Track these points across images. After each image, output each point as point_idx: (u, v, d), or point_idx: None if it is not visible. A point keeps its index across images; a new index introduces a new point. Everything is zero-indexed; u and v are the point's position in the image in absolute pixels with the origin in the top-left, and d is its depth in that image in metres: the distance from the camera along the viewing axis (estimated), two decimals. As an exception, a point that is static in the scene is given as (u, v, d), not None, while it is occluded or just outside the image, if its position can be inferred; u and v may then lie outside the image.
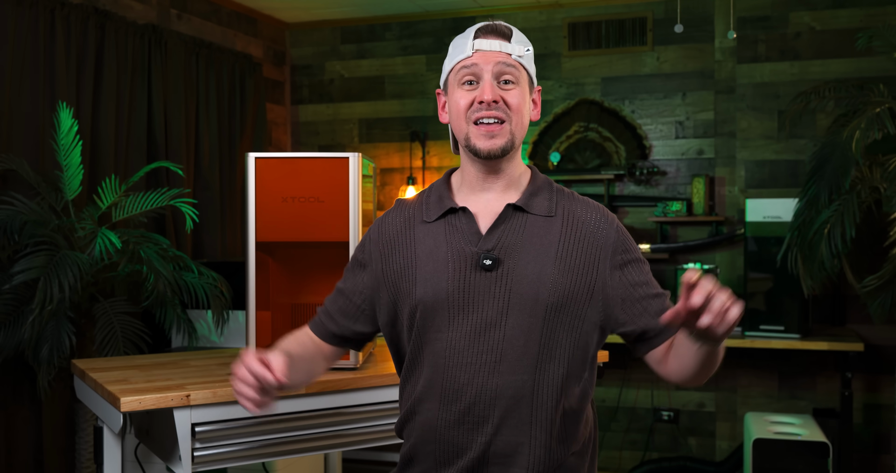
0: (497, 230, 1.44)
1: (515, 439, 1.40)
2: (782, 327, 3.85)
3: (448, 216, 1.47)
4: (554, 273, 1.41)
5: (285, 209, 2.21)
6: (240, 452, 2.07)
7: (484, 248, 1.42)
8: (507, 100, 1.43)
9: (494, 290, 1.40)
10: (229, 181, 4.40)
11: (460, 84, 1.46)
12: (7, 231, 2.98)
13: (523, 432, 1.40)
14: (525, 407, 1.40)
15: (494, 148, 1.43)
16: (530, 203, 1.46)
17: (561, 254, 1.42)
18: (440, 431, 1.43)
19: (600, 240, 1.45)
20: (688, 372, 1.41)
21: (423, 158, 4.84)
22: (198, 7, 4.30)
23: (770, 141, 4.28)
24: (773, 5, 4.25)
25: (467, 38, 1.46)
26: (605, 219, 1.48)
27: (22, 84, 3.23)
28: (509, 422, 1.40)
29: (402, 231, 1.50)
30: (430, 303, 1.43)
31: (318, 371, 1.62)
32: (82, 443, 3.19)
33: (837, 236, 3.30)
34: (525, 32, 5.10)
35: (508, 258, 1.42)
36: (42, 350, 2.94)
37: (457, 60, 1.46)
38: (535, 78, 1.51)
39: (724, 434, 4.34)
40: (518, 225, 1.44)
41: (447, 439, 1.42)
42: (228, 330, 3.51)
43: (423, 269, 1.45)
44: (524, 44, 1.47)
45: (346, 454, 4.62)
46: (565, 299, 1.40)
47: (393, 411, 2.25)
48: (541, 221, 1.45)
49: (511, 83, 1.44)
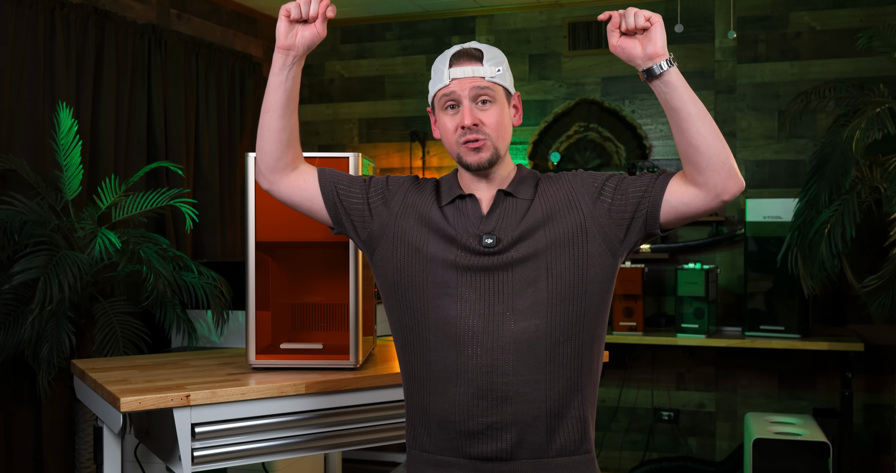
0: (494, 214, 1.61)
1: (533, 376, 1.53)
2: (782, 327, 3.85)
3: (456, 202, 1.65)
4: (551, 239, 1.57)
5: (285, 209, 2.20)
6: (240, 452, 2.07)
7: (485, 229, 1.59)
8: (485, 120, 1.60)
9: (501, 264, 1.56)
10: (229, 181, 4.40)
11: (443, 109, 1.63)
12: (7, 231, 2.98)
13: (540, 370, 1.53)
14: (540, 349, 1.54)
15: (482, 161, 1.60)
16: (517, 189, 1.64)
17: (546, 220, 1.58)
18: (462, 376, 1.55)
19: (574, 188, 1.62)
20: (686, 140, 1.53)
21: (423, 158, 4.83)
22: (198, 7, 4.30)
23: (770, 141, 4.28)
24: (773, 5, 4.25)
25: (444, 65, 1.62)
26: (573, 173, 1.66)
27: (22, 84, 3.23)
28: (525, 363, 1.53)
29: (424, 205, 1.66)
30: (442, 266, 1.58)
31: (286, 138, 1.67)
32: (82, 443, 3.19)
33: (837, 236, 3.30)
34: (525, 32, 5.05)
35: (505, 237, 1.58)
36: (42, 350, 2.94)
37: (437, 89, 1.63)
38: (511, 87, 1.66)
39: (724, 434, 4.34)
40: (511, 208, 1.62)
41: (466, 401, 1.55)
42: (228, 330, 3.51)
43: (434, 239, 1.61)
44: (496, 63, 1.62)
45: (346, 454, 4.62)
46: (558, 241, 1.56)
47: (393, 411, 2.25)
48: (527, 203, 1.62)
49: (488, 102, 1.60)
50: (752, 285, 3.90)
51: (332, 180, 1.70)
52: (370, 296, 2.45)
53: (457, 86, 1.59)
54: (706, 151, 1.52)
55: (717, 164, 1.53)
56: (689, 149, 1.53)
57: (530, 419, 1.54)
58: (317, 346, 2.32)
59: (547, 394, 1.54)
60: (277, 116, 1.64)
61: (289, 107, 1.65)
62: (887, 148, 3.48)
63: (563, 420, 1.56)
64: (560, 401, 1.55)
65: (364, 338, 2.31)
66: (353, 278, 2.25)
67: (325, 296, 2.38)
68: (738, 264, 4.27)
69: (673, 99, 1.51)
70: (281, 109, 1.64)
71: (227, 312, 3.37)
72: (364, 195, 1.69)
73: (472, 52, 1.61)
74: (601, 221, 1.59)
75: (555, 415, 1.55)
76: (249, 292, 2.26)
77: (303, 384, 2.11)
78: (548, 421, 1.55)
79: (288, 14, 1.67)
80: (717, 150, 1.52)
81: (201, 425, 2.01)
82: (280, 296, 2.37)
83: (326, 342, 2.35)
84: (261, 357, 2.26)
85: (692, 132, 1.52)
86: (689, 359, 4.37)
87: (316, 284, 2.39)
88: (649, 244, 4.32)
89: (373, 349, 2.59)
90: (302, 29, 1.66)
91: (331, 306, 2.38)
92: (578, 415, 1.58)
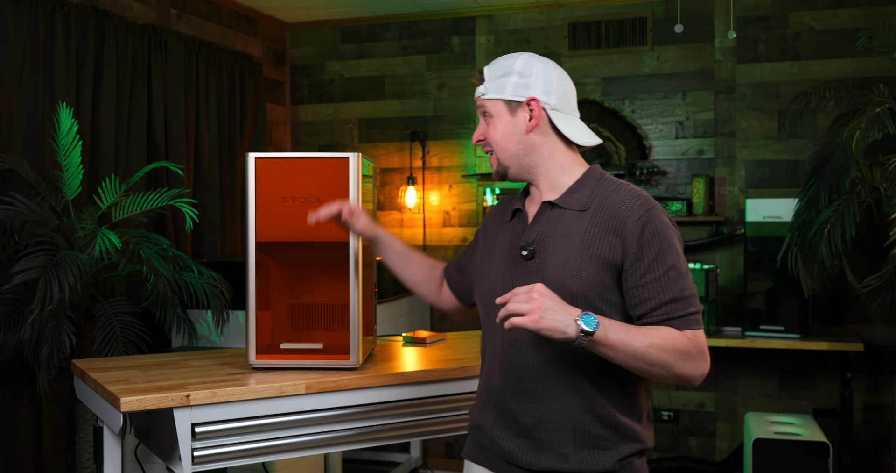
0: (536, 225, 1.68)
1: (565, 407, 1.61)
2: (782, 327, 3.85)
3: (515, 216, 1.76)
4: (577, 262, 1.58)
5: (285, 209, 2.21)
6: (240, 452, 2.07)
7: (525, 241, 1.67)
8: (488, 135, 1.72)
9: (532, 277, 1.62)
10: (229, 181, 4.40)
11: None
12: (7, 231, 2.98)
13: (570, 400, 1.60)
14: (569, 377, 1.60)
15: (494, 175, 1.76)
16: (567, 200, 1.66)
17: (585, 244, 1.59)
18: (503, 397, 1.67)
19: (626, 233, 1.58)
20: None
21: (423, 158, 4.84)
22: (198, 7, 4.30)
23: (770, 141, 4.28)
24: (773, 5, 4.25)
25: None
26: (636, 213, 1.59)
27: (22, 84, 3.23)
28: (552, 392, 1.61)
29: (494, 230, 1.82)
30: (489, 289, 1.71)
31: (420, 280, 2.01)
32: (82, 443, 3.19)
33: (837, 236, 3.30)
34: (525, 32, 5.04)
35: (542, 249, 1.64)
36: (42, 350, 2.94)
37: None
38: (516, 96, 1.68)
39: (724, 434, 4.34)
40: (554, 219, 1.66)
41: (506, 404, 1.67)
42: (228, 330, 3.51)
43: (496, 259, 1.74)
44: (493, 78, 1.70)
45: (346, 454, 4.62)
46: (588, 287, 1.57)
47: (392, 411, 2.25)
48: (574, 215, 1.64)
49: (489, 117, 1.72)
50: (752, 285, 3.90)
51: (452, 273, 1.98)
52: (370, 296, 2.46)
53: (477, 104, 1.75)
54: (658, 380, 1.58)
55: (671, 381, 1.57)
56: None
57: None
58: (317, 346, 2.32)
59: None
60: (398, 273, 2.02)
61: (395, 264, 2.01)
62: (887, 148, 3.48)
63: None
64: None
65: (364, 338, 2.31)
66: (354, 278, 2.25)
67: (325, 296, 2.38)
68: (738, 264, 4.27)
69: (611, 359, 1.52)
70: (393, 269, 2.03)
71: (227, 312, 3.37)
72: (469, 263, 1.91)
73: (477, 74, 1.73)
74: (613, 268, 1.59)
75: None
76: (249, 293, 2.26)
77: (303, 384, 2.11)
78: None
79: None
80: (666, 379, 1.56)
81: (201, 425, 2.01)
82: (280, 296, 2.37)
83: (326, 342, 2.35)
84: (261, 357, 2.26)
85: (640, 373, 1.56)
86: (689, 359, 4.37)
87: (316, 284, 2.39)
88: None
89: (373, 349, 2.59)
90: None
91: (331, 306, 2.38)
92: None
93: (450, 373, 2.31)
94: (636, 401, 1.63)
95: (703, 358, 1.54)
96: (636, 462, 1.62)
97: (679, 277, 1.56)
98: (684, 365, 1.52)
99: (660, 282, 1.55)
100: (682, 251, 1.61)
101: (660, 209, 1.60)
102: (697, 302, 1.57)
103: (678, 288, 1.55)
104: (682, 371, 1.52)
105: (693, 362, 1.53)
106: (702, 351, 1.54)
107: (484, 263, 1.77)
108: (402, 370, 2.31)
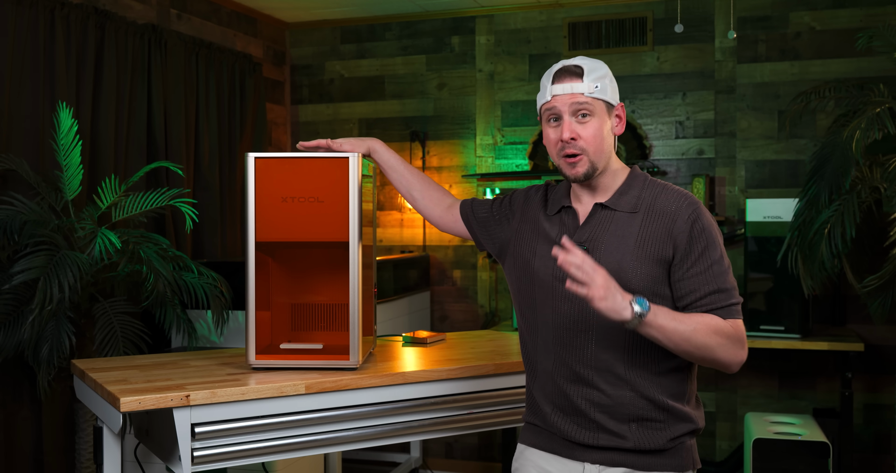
0: (588, 226, 1.78)
1: (618, 393, 1.73)
2: (782, 327, 3.85)
3: (562, 212, 1.84)
4: (632, 261, 1.71)
5: (285, 209, 2.21)
6: (240, 452, 2.07)
7: (578, 240, 1.76)
8: (583, 134, 1.74)
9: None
10: (229, 181, 4.40)
11: (547, 121, 1.80)
12: (7, 231, 2.98)
13: (621, 386, 1.73)
14: (618, 366, 1.73)
15: (578, 174, 1.76)
16: (617, 202, 1.78)
17: (639, 243, 1.72)
18: (557, 381, 1.79)
19: (676, 232, 1.71)
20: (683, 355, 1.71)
21: (423, 158, 4.84)
22: (198, 7, 4.30)
23: (770, 141, 4.28)
24: (773, 5, 4.25)
25: (548, 82, 1.78)
26: (685, 212, 1.73)
27: (22, 84, 3.23)
28: (606, 378, 1.73)
29: (536, 215, 1.90)
30: (542, 275, 1.79)
31: (419, 194, 2.15)
32: (82, 443, 3.19)
33: (837, 236, 3.30)
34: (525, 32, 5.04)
35: (596, 249, 1.74)
36: (42, 350, 2.94)
37: (541, 104, 1.80)
38: (612, 100, 1.78)
39: (724, 434, 4.34)
40: (606, 221, 1.77)
41: (560, 386, 1.79)
42: (228, 330, 3.51)
43: (542, 248, 1.81)
44: (596, 78, 1.75)
45: (346, 454, 4.62)
46: (644, 282, 1.69)
47: (392, 411, 2.25)
48: (625, 217, 1.76)
49: (587, 116, 1.75)
50: (752, 285, 3.90)
51: (466, 209, 2.05)
52: (370, 296, 2.45)
53: (558, 101, 1.75)
54: (700, 363, 1.72)
55: (711, 365, 1.70)
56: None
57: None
58: (317, 346, 2.32)
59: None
60: (395, 183, 2.17)
61: (392, 177, 2.18)
62: (887, 148, 3.48)
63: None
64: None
65: (364, 338, 2.31)
66: (354, 278, 2.25)
67: (325, 296, 2.38)
68: (738, 264, 4.27)
69: (659, 341, 1.64)
70: (397, 187, 2.18)
71: (227, 312, 3.37)
72: (490, 215, 2.00)
73: (573, 69, 1.75)
74: (665, 264, 1.72)
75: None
76: (249, 293, 2.25)
77: (303, 384, 2.11)
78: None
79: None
80: (707, 363, 1.69)
81: (201, 425, 2.01)
82: (280, 296, 2.37)
83: (326, 342, 2.35)
84: (261, 357, 2.26)
85: (684, 355, 1.68)
86: (689, 359, 4.37)
87: (316, 284, 2.39)
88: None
89: (373, 349, 2.59)
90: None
91: (331, 306, 2.38)
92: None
93: (450, 373, 2.31)
94: (684, 385, 1.76)
95: (742, 346, 1.69)
96: (688, 442, 1.76)
97: (722, 271, 1.70)
98: (725, 351, 1.66)
99: (705, 275, 1.69)
100: (724, 248, 1.75)
101: (704, 209, 1.75)
102: (738, 295, 1.72)
103: (722, 281, 1.69)
104: (722, 356, 1.66)
105: (733, 348, 1.67)
106: (741, 340, 1.69)
107: (528, 243, 1.85)
108: (402, 370, 2.31)
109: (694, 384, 1.81)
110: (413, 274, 4.58)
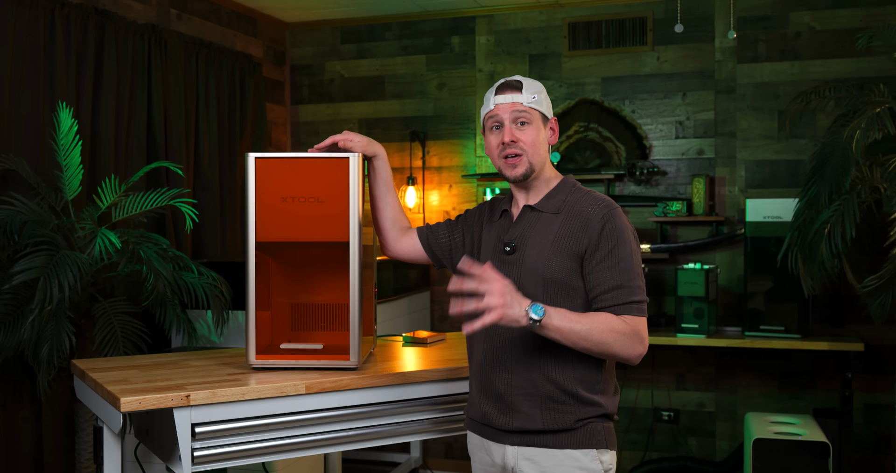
0: (518, 225, 1.98)
1: (531, 376, 1.89)
2: (782, 327, 3.85)
3: (502, 216, 2.05)
4: (549, 255, 1.89)
5: (285, 209, 2.21)
6: (240, 452, 2.07)
7: (507, 238, 1.97)
8: (522, 138, 1.94)
9: (513, 269, 1.92)
10: (229, 181, 4.40)
11: (490, 130, 2.00)
12: (7, 231, 2.98)
13: (534, 370, 1.89)
14: (534, 351, 1.89)
15: (518, 174, 1.96)
16: (545, 204, 1.97)
17: (557, 239, 1.90)
18: (485, 370, 1.96)
19: (590, 230, 1.88)
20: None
21: (423, 158, 4.84)
22: (198, 7, 4.30)
23: (770, 141, 4.28)
24: (773, 5, 4.25)
25: (491, 94, 1.98)
26: (599, 213, 1.90)
27: (22, 84, 3.23)
28: (521, 362, 1.90)
29: (479, 223, 2.11)
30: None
31: (391, 216, 2.26)
32: (82, 443, 3.19)
33: (837, 236, 3.30)
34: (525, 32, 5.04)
35: (522, 245, 1.94)
36: (42, 350, 2.94)
37: (485, 113, 2.00)
38: (547, 112, 1.99)
39: (724, 434, 4.34)
40: (533, 221, 1.96)
41: (487, 373, 1.96)
42: (228, 330, 3.51)
43: (483, 252, 2.03)
44: (533, 91, 1.96)
45: (346, 454, 4.62)
46: (558, 274, 1.88)
47: (392, 411, 2.25)
48: (550, 217, 1.94)
49: (525, 124, 1.95)
50: (752, 285, 3.90)
51: (426, 234, 2.20)
52: (370, 296, 2.45)
53: (500, 110, 1.95)
54: (601, 357, 1.87)
55: (612, 359, 1.87)
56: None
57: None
58: (317, 346, 2.32)
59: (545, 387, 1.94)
60: (376, 197, 2.26)
61: (378, 188, 2.26)
62: (887, 148, 3.48)
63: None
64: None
65: (364, 338, 2.31)
66: (354, 278, 2.24)
67: (325, 296, 2.38)
68: (738, 264, 4.27)
69: (557, 341, 1.79)
70: (373, 191, 2.27)
71: (227, 312, 3.37)
72: (449, 236, 2.16)
73: (513, 84, 1.96)
74: (578, 258, 1.89)
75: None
76: (249, 293, 2.25)
77: (303, 384, 2.11)
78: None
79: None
80: (608, 357, 1.86)
81: (201, 425, 2.01)
82: (280, 296, 2.37)
83: (326, 342, 2.35)
84: (261, 357, 2.26)
85: (584, 351, 1.82)
86: (689, 359, 4.37)
87: (316, 284, 2.39)
88: (649, 244, 4.32)
89: (373, 349, 2.59)
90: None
91: (331, 306, 2.38)
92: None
93: (450, 373, 2.31)
94: (596, 374, 1.90)
95: (640, 341, 1.82)
96: (597, 423, 1.89)
97: (629, 268, 1.85)
98: (621, 346, 1.80)
99: (612, 270, 1.84)
100: (639, 251, 1.90)
101: (620, 212, 1.91)
102: (642, 294, 1.86)
103: (627, 278, 1.84)
104: (619, 351, 1.80)
105: (629, 343, 1.80)
106: (638, 335, 1.81)
107: (471, 255, 2.06)
108: (402, 370, 2.31)
109: (609, 374, 1.94)
110: (413, 274, 4.58)
